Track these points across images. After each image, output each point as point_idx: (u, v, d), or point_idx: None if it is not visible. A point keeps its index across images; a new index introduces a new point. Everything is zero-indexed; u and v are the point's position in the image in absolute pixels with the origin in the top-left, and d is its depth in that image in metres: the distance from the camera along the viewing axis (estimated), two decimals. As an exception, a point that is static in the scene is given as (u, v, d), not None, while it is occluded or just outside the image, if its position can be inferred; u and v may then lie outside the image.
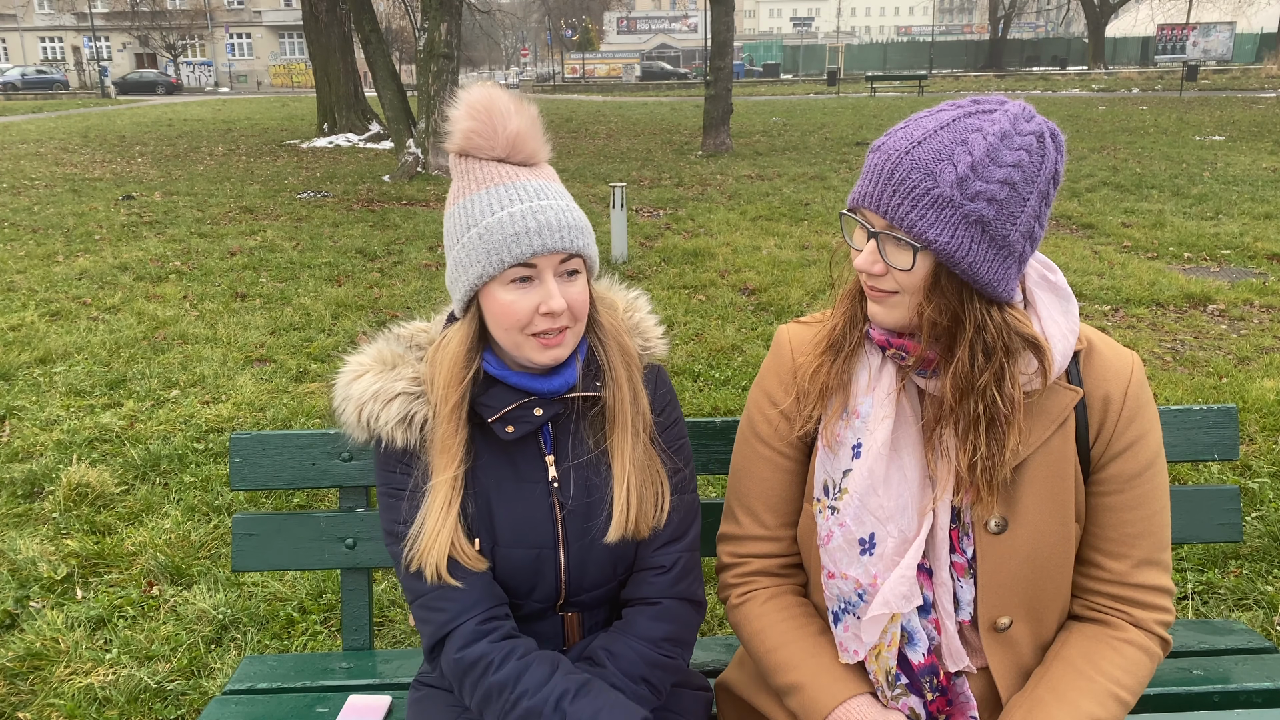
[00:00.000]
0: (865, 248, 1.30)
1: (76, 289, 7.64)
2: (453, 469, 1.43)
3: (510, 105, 1.38)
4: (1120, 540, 1.39)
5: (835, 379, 1.42)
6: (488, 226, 1.36)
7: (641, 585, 1.54)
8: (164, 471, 4.21)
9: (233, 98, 48.70)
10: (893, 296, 1.30)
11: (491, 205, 1.37)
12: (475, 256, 1.37)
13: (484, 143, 1.38)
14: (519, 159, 1.41)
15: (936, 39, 78.03)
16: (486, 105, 1.37)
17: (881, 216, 1.25)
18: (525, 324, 1.38)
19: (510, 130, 1.38)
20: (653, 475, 1.51)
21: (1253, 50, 56.69)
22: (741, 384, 5.19)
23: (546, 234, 1.35)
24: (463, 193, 1.41)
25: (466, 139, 1.39)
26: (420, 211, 11.49)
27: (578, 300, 1.40)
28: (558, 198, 1.40)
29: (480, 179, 1.39)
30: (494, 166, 1.40)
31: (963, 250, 1.22)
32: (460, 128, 1.38)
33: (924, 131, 1.24)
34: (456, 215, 1.40)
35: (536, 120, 1.41)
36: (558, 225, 1.36)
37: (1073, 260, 8.17)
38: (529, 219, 1.35)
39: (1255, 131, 18.77)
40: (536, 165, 1.43)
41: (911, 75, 41.42)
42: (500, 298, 1.37)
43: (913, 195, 1.22)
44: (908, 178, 1.22)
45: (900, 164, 1.23)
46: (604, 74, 65.88)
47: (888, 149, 1.25)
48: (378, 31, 17.45)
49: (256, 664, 2.01)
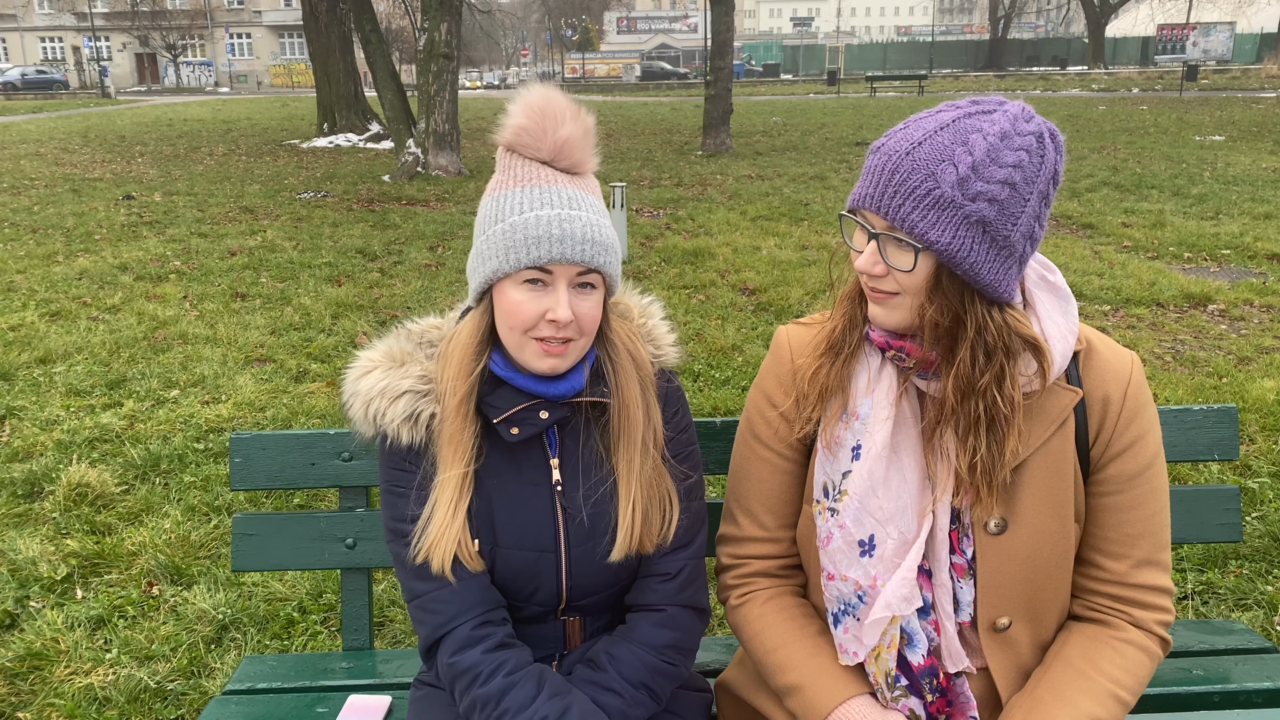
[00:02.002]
0: (866, 249, 1.29)
1: (76, 289, 7.63)
2: (463, 464, 1.43)
3: (566, 111, 1.39)
4: (1120, 540, 1.39)
5: (835, 381, 1.41)
6: (513, 224, 1.36)
7: (646, 591, 1.54)
8: (164, 471, 4.21)
9: (233, 98, 48.67)
10: (894, 298, 1.30)
11: (522, 204, 1.37)
12: (495, 250, 1.37)
13: (531, 142, 1.39)
14: (563, 165, 1.41)
15: (936, 39, 78.01)
16: (542, 106, 1.38)
17: (882, 217, 1.25)
18: (530, 326, 1.37)
19: (560, 135, 1.38)
20: (661, 492, 1.50)
21: (1253, 50, 56.68)
22: (741, 384, 5.19)
23: (568, 243, 1.34)
24: (499, 186, 1.41)
25: (516, 135, 1.39)
26: (420, 211, 11.49)
27: (587, 316, 1.39)
28: (589, 210, 1.38)
29: (519, 177, 1.40)
30: (536, 167, 1.40)
31: (964, 251, 1.22)
32: (512, 123, 1.39)
33: (924, 132, 1.23)
34: (489, 206, 1.41)
35: (590, 130, 1.41)
36: (581, 237, 1.35)
37: (1073, 260, 8.17)
38: (554, 225, 1.34)
39: (1255, 131, 18.77)
40: (581, 175, 1.43)
41: (911, 75, 41.35)
42: (511, 295, 1.38)
43: (914, 196, 1.21)
44: (909, 178, 1.22)
45: (901, 165, 1.22)
46: (604, 74, 65.88)
47: (888, 150, 1.25)
48: (378, 31, 17.45)
49: (256, 664, 2.01)
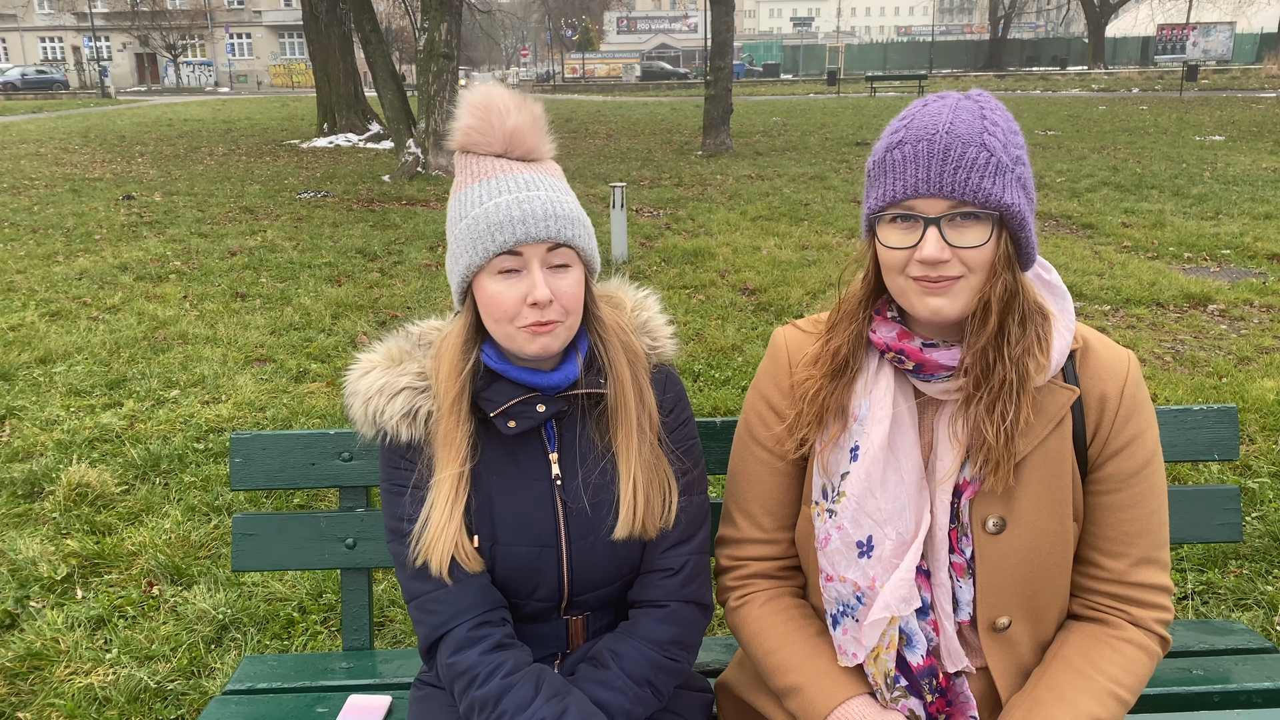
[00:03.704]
0: (927, 237, 1.25)
1: (76, 289, 7.63)
2: (458, 464, 1.43)
3: (509, 103, 1.40)
4: (1118, 539, 1.39)
5: (835, 403, 1.41)
6: (475, 217, 1.38)
7: (649, 587, 1.54)
8: (164, 471, 4.21)
9: (233, 98, 48.66)
10: (957, 283, 1.27)
11: (481, 196, 1.39)
12: (465, 247, 1.39)
13: (481, 139, 1.41)
14: (517, 154, 1.43)
15: (936, 39, 78.01)
16: (484, 103, 1.40)
17: (946, 197, 1.23)
18: (513, 315, 1.38)
19: (507, 126, 1.40)
20: (660, 475, 1.51)
21: (1253, 50, 56.66)
22: (741, 384, 5.19)
23: (530, 222, 1.36)
24: (459, 186, 1.44)
25: (465, 135, 1.42)
26: (420, 211, 11.49)
27: (567, 293, 1.40)
28: (548, 189, 1.40)
29: (475, 173, 1.42)
30: (490, 161, 1.42)
31: (1023, 212, 1.26)
32: (460, 124, 1.42)
33: (944, 115, 1.26)
34: (453, 208, 1.44)
35: (538, 118, 1.43)
36: (543, 214, 1.37)
37: (1073, 260, 8.17)
38: (514, 208, 1.36)
39: (1255, 131, 18.77)
40: (538, 161, 1.45)
41: (911, 75, 41.27)
42: (488, 288, 1.39)
43: (975, 167, 1.22)
44: (964, 153, 1.23)
45: (951, 144, 1.23)
46: (604, 74, 65.86)
47: (922, 135, 1.25)
48: (378, 31, 17.45)
49: (256, 664, 2.01)
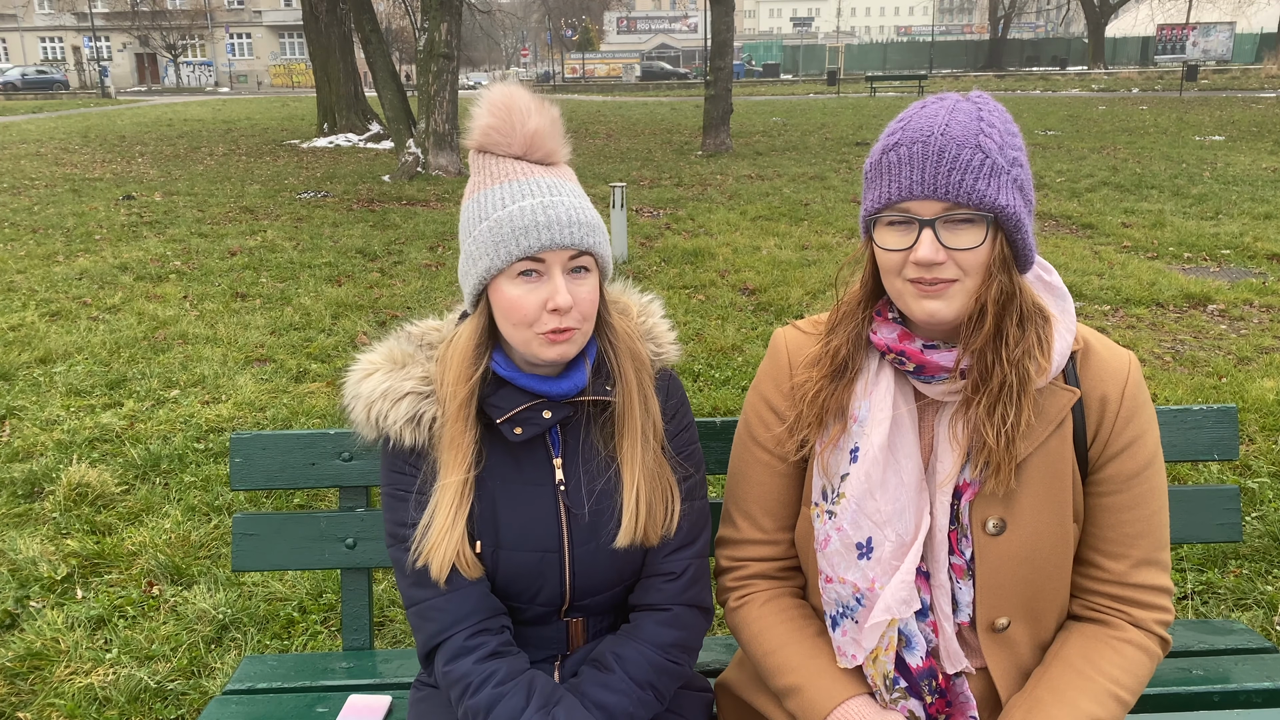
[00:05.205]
0: (922, 239, 1.25)
1: (76, 289, 7.63)
2: (463, 470, 1.43)
3: (531, 104, 1.39)
4: (1119, 540, 1.39)
5: (835, 404, 1.41)
6: (498, 220, 1.36)
7: (650, 591, 1.54)
8: (164, 471, 4.21)
9: (233, 98, 48.66)
10: (952, 286, 1.27)
11: (503, 199, 1.37)
12: (485, 249, 1.37)
13: (502, 139, 1.40)
14: (536, 157, 1.42)
15: (936, 39, 78.00)
16: (506, 103, 1.39)
17: (941, 199, 1.23)
18: (533, 320, 1.37)
19: (529, 129, 1.39)
20: (663, 483, 1.50)
21: (1253, 50, 56.65)
22: (741, 384, 5.19)
23: (556, 229, 1.35)
24: (477, 187, 1.42)
25: (485, 135, 1.40)
26: (420, 211, 11.49)
27: (585, 299, 1.40)
28: (570, 195, 1.40)
29: (495, 174, 1.40)
30: (510, 163, 1.41)
31: (1020, 214, 1.25)
32: (480, 124, 1.40)
33: (940, 118, 1.25)
34: (470, 209, 1.41)
35: (557, 121, 1.42)
36: (568, 221, 1.36)
37: (1073, 260, 8.17)
38: (539, 213, 1.35)
39: (1255, 131, 18.77)
40: (554, 165, 1.44)
41: (911, 75, 41.28)
42: (508, 292, 1.37)
43: (970, 169, 1.22)
44: (959, 154, 1.22)
45: (945, 146, 1.23)
46: (604, 74, 65.85)
47: (915, 139, 1.25)
48: (378, 31, 17.46)
49: (256, 664, 2.01)
